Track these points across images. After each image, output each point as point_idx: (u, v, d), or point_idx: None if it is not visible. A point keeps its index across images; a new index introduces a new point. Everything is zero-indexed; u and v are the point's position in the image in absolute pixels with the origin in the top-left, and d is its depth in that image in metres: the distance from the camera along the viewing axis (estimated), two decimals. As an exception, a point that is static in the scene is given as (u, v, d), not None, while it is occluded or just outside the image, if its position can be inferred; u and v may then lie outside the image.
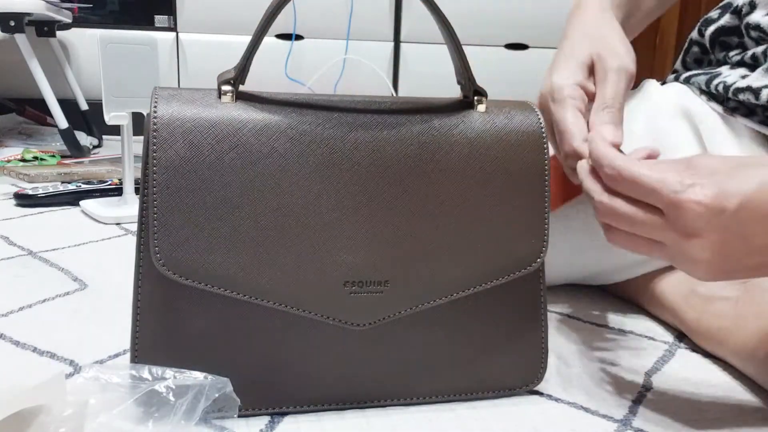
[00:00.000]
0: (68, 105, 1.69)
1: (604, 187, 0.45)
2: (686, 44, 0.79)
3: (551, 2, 2.04)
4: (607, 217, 0.45)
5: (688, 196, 0.40)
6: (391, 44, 2.07)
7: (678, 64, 0.81)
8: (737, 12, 0.71)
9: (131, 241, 0.91)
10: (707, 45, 0.75)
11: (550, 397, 0.51)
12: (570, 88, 0.54)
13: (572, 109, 0.53)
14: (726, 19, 0.72)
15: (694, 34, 0.77)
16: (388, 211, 0.45)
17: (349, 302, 0.44)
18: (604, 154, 0.45)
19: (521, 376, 0.50)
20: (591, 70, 0.57)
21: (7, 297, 0.68)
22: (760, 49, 0.66)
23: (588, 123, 0.53)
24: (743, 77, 0.66)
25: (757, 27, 0.67)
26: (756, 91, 0.63)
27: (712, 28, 0.73)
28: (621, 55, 0.56)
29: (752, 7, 0.68)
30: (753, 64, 0.68)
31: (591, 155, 0.46)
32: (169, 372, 0.42)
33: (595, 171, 0.46)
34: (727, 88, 0.67)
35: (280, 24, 1.92)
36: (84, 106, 1.84)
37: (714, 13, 0.74)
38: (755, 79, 0.65)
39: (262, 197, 0.42)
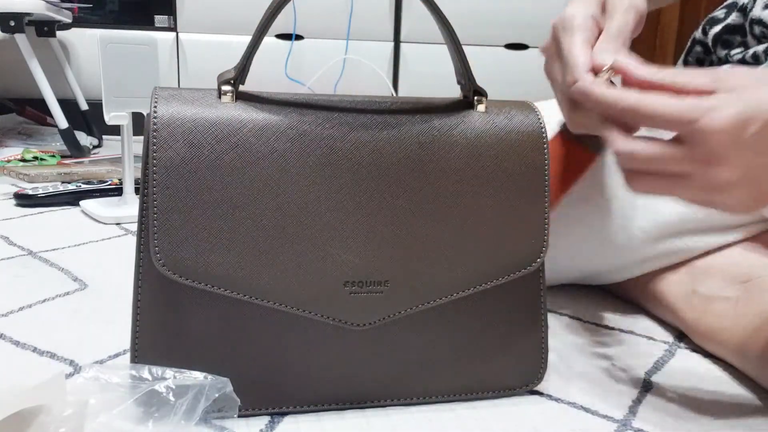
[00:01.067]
0: (68, 105, 1.69)
1: (619, 129, 0.43)
2: (689, 43, 0.79)
3: (551, 2, 2.04)
4: (627, 162, 0.43)
5: (707, 123, 0.38)
6: (391, 44, 2.07)
7: (679, 64, 0.81)
8: (743, 10, 0.71)
9: (131, 241, 0.91)
10: (710, 44, 0.75)
11: (550, 397, 0.51)
12: (582, 17, 0.54)
13: (581, 39, 0.52)
14: (733, 18, 0.72)
15: (698, 34, 0.77)
16: (388, 211, 0.45)
17: (349, 302, 0.44)
18: (613, 95, 0.43)
19: (521, 376, 0.50)
20: (604, 9, 0.56)
21: (7, 297, 0.68)
22: (761, 48, 0.66)
23: None
24: (744, 77, 0.66)
25: (760, 22, 0.67)
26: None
27: (718, 28, 0.73)
28: None
29: (754, 1, 0.68)
30: (754, 63, 0.68)
31: (600, 101, 0.44)
32: (169, 372, 0.42)
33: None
34: None
35: (280, 24, 1.92)
36: (84, 106, 1.84)
37: (719, 13, 0.74)
38: (756, 78, 0.64)
39: (262, 197, 0.42)
